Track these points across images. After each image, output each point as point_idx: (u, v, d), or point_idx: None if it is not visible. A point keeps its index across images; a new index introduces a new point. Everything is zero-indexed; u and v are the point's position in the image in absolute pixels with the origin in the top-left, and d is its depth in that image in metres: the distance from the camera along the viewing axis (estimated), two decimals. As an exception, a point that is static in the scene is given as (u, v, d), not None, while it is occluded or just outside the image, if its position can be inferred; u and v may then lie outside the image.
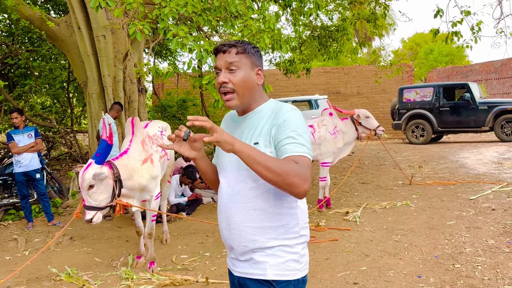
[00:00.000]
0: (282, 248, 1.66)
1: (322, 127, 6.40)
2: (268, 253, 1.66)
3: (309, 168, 1.56)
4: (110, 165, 3.84)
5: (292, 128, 1.61)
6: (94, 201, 3.68)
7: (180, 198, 7.00)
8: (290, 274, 1.66)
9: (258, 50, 1.79)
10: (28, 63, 9.99)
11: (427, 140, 13.97)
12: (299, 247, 1.70)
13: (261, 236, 1.66)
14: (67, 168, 11.22)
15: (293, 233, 1.69)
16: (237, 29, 4.60)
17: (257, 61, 1.77)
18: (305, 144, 1.60)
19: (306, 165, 1.55)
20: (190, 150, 1.67)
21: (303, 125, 1.65)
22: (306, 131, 1.65)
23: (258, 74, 1.76)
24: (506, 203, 6.02)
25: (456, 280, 3.72)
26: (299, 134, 1.61)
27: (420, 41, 33.48)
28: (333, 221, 5.93)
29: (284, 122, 1.63)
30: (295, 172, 1.50)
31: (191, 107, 14.44)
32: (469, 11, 7.45)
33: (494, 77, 20.08)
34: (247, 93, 1.71)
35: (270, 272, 1.65)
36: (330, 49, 11.38)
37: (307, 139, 1.62)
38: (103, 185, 3.68)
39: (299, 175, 1.51)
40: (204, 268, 4.45)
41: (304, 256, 1.72)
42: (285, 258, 1.66)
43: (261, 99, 1.78)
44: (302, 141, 1.59)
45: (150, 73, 5.75)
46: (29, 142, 6.34)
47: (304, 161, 1.56)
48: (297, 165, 1.53)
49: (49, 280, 4.30)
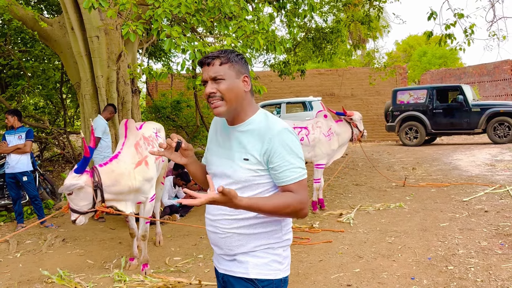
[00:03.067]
0: (265, 250, 1.72)
1: (316, 129, 6.41)
2: (251, 255, 1.72)
3: (305, 189, 1.68)
4: (92, 173, 3.86)
5: (286, 151, 1.65)
6: (75, 205, 3.77)
7: (174, 200, 6.97)
8: (272, 274, 1.72)
9: (242, 57, 1.79)
10: (20, 64, 9.92)
11: (420, 142, 14.03)
12: (281, 249, 1.76)
13: (246, 242, 1.72)
14: (60, 169, 11.15)
15: (276, 239, 1.75)
16: (231, 30, 4.60)
17: (242, 68, 1.76)
18: (300, 165, 1.67)
19: (302, 188, 1.67)
20: (181, 157, 1.80)
21: (295, 144, 1.69)
22: (298, 147, 1.69)
23: (244, 81, 1.76)
24: (498, 205, 6.05)
25: (449, 282, 3.73)
26: (293, 157, 1.66)
27: (413, 43, 33.67)
28: (326, 222, 5.93)
29: (277, 146, 1.66)
30: (293, 206, 1.64)
31: (185, 108, 14.40)
32: (462, 13, 7.51)
33: (487, 79, 20.22)
34: (234, 100, 1.72)
35: (252, 271, 1.71)
36: (324, 51, 11.41)
37: (300, 156, 1.69)
38: (82, 193, 3.75)
39: (298, 204, 1.65)
40: (197, 270, 4.43)
41: (286, 258, 1.78)
42: (267, 259, 1.72)
43: (250, 108, 1.78)
44: (296, 163, 1.66)
45: (144, 74, 5.72)
46: (17, 143, 6.25)
47: (300, 185, 1.67)
48: (293, 196, 1.64)
49: (41, 282, 4.25)
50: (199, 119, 12.83)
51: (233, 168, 1.71)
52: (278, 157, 1.65)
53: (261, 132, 1.70)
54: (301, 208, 1.66)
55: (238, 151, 1.72)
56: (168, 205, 6.74)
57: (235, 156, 1.72)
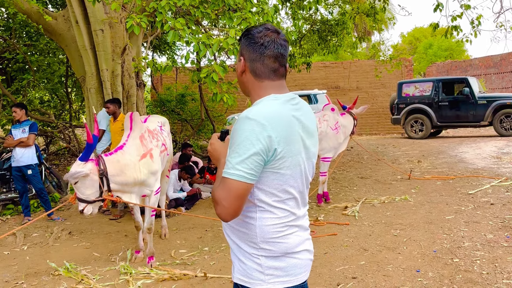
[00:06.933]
0: (244, 254, 1.60)
1: (323, 122, 6.39)
2: (235, 255, 1.64)
3: (226, 191, 1.46)
4: (97, 161, 3.86)
5: (232, 141, 1.50)
6: (82, 194, 3.79)
7: (179, 193, 6.99)
8: (253, 283, 1.58)
9: (243, 35, 1.67)
10: (26, 58, 9.93)
11: (426, 135, 13.96)
12: (262, 258, 1.57)
13: (231, 233, 1.65)
14: (65, 163, 11.20)
15: (252, 243, 1.58)
16: (236, 22, 4.57)
17: (242, 49, 1.65)
18: (231, 162, 1.47)
19: (223, 186, 1.48)
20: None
21: (243, 138, 1.46)
22: (245, 144, 1.46)
23: (241, 63, 1.66)
24: (504, 197, 6.02)
25: (454, 274, 3.72)
26: (233, 150, 1.48)
27: (419, 36, 33.42)
28: (332, 215, 5.93)
29: (233, 130, 1.52)
30: (212, 194, 1.53)
31: (190, 102, 14.38)
32: (469, 5, 7.43)
33: (493, 71, 20.06)
34: (239, 83, 1.71)
35: (236, 275, 1.63)
36: (329, 43, 11.34)
37: (241, 155, 1.45)
38: (88, 181, 3.77)
39: (213, 197, 1.51)
40: (202, 262, 4.45)
41: (271, 269, 1.57)
42: (247, 265, 1.59)
43: (256, 95, 1.64)
44: (230, 159, 1.48)
45: (149, 67, 5.72)
46: (21, 136, 6.29)
47: (223, 182, 1.48)
48: (217, 187, 1.52)
49: (48, 275, 4.29)
50: (204, 113, 12.81)
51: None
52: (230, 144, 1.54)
53: None
54: (215, 204, 1.49)
55: None
56: (174, 198, 6.76)
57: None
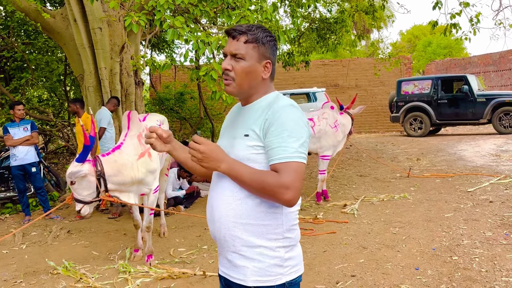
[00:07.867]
0: (262, 251, 1.55)
1: (322, 120, 6.39)
2: (247, 257, 1.56)
3: (295, 173, 1.46)
4: (94, 162, 3.86)
5: (282, 128, 1.50)
6: (79, 195, 3.79)
7: (178, 191, 6.98)
8: (272, 280, 1.55)
9: (272, 39, 1.64)
10: (24, 56, 9.91)
11: (425, 133, 13.97)
12: (281, 250, 1.57)
13: (240, 232, 1.56)
14: (64, 162, 11.20)
15: (275, 234, 1.56)
16: (234, 20, 4.56)
17: (267, 52, 1.63)
18: (293, 146, 1.48)
19: (289, 171, 1.46)
20: (164, 144, 1.74)
21: (296, 123, 1.52)
22: (299, 129, 1.51)
23: (265, 67, 1.63)
24: (503, 195, 6.02)
25: (453, 272, 3.72)
26: (289, 135, 1.49)
27: (418, 34, 33.43)
28: (331, 213, 5.93)
29: (276, 119, 1.52)
30: (271, 187, 1.46)
31: (188, 100, 14.37)
32: (468, 2, 7.41)
33: (492, 69, 20.06)
34: (246, 85, 1.62)
35: (250, 278, 1.56)
36: (328, 41, 11.33)
37: (297, 136, 1.50)
38: (85, 182, 3.77)
39: (277, 187, 1.45)
40: (201, 261, 4.44)
41: (288, 260, 1.58)
42: (265, 263, 1.55)
43: (265, 91, 1.66)
44: (290, 143, 1.48)
45: (147, 66, 5.70)
46: (24, 135, 6.29)
47: (287, 167, 1.47)
48: (275, 176, 1.47)
49: (46, 273, 4.28)
50: (202, 111, 12.81)
51: (233, 145, 1.61)
52: (274, 132, 1.50)
53: (266, 106, 1.59)
54: (280, 192, 1.45)
55: (242, 127, 1.62)
56: (172, 197, 6.76)
57: (238, 133, 1.62)
